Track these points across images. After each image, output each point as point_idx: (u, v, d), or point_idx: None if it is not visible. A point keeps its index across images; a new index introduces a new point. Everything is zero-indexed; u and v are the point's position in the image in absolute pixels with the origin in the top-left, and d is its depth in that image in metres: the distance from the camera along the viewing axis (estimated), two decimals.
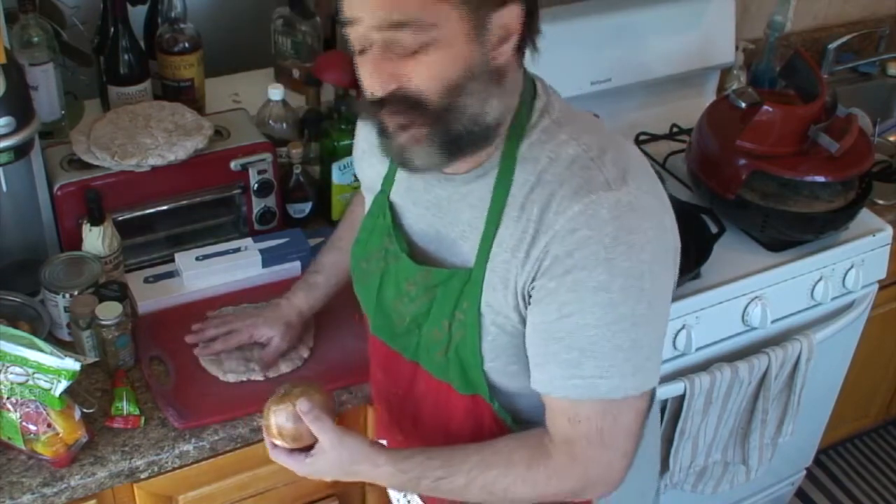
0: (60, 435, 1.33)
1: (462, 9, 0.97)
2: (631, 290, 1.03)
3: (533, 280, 1.06)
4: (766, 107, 1.83)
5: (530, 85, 1.11)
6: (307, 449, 1.18)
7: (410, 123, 1.03)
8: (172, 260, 1.65)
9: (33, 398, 1.31)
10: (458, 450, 1.16)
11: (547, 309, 1.06)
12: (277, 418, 1.18)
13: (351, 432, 1.18)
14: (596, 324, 1.04)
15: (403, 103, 1.01)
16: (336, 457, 1.16)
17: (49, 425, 1.32)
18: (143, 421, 1.41)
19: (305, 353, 1.54)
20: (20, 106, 1.41)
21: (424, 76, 0.99)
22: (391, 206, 1.23)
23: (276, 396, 1.20)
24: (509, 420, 1.20)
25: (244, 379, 1.48)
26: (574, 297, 1.03)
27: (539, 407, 1.13)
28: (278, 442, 1.19)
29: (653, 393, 1.12)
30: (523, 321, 1.10)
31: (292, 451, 1.19)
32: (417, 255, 1.20)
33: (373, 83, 1.01)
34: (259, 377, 1.49)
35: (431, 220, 1.18)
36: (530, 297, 1.07)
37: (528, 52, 1.07)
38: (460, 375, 1.18)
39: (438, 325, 1.16)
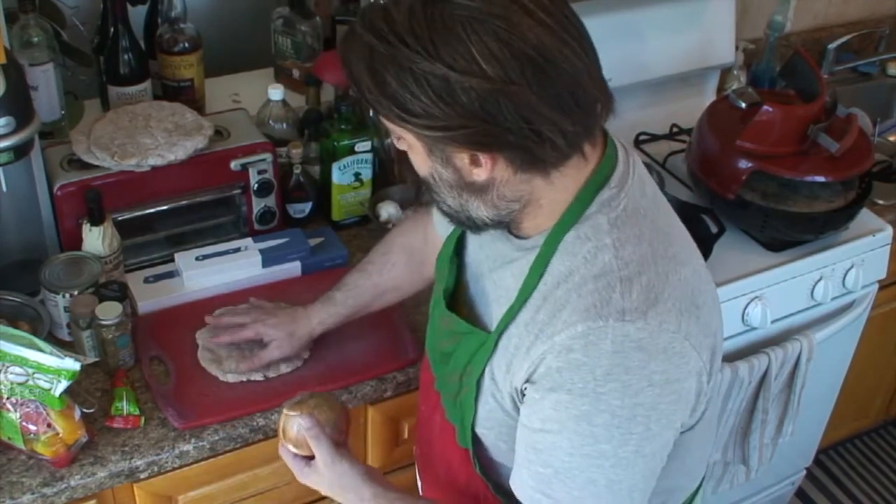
0: (60, 435, 1.33)
1: (414, 134, 0.96)
2: (616, 431, 0.96)
3: (526, 381, 1.02)
4: (766, 107, 1.83)
5: (605, 168, 1.02)
6: (311, 457, 1.22)
7: (417, 185, 1.07)
8: (172, 260, 1.65)
9: (33, 398, 1.31)
10: None
11: (531, 417, 1.02)
12: (286, 423, 1.22)
13: (347, 457, 1.19)
14: (572, 451, 0.98)
15: (409, 166, 1.05)
16: (328, 477, 1.19)
17: (49, 425, 1.32)
18: (143, 421, 1.41)
19: (306, 354, 1.54)
20: (20, 106, 1.41)
21: (411, 159, 1.03)
22: (463, 236, 1.20)
23: (292, 402, 1.23)
24: (492, 487, 1.20)
25: (244, 379, 1.48)
26: (556, 416, 0.98)
27: None
28: (285, 444, 1.23)
29: None
30: (517, 411, 1.07)
31: (296, 455, 1.23)
32: (461, 293, 1.20)
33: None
34: (259, 377, 1.49)
35: (484, 268, 1.15)
36: (523, 395, 1.04)
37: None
38: (460, 426, 1.18)
39: (455, 372, 1.16)
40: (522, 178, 0.98)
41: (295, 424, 1.20)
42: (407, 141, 0.99)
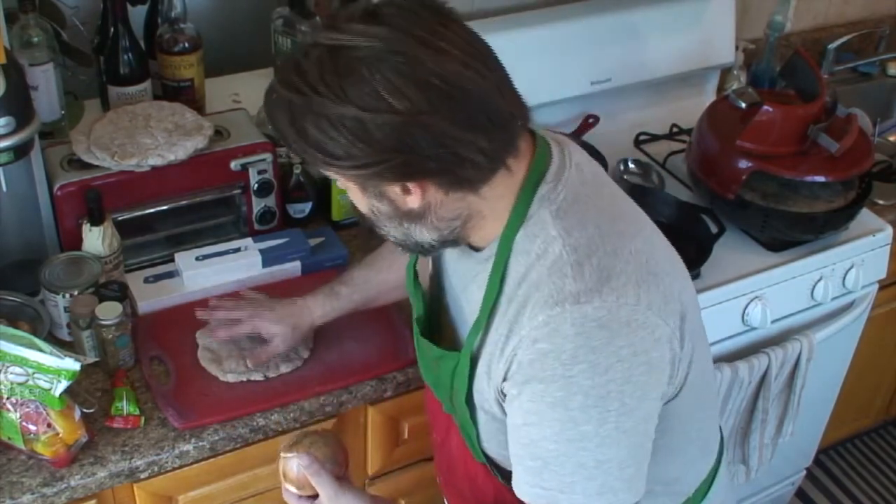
0: (60, 435, 1.33)
1: (343, 176, 1.00)
2: (594, 410, 0.99)
3: (503, 380, 1.05)
4: (766, 107, 1.83)
5: (539, 166, 1.05)
6: (314, 496, 1.23)
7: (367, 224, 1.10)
8: (172, 260, 1.65)
9: (33, 398, 1.31)
10: None
11: (514, 413, 1.04)
12: (285, 465, 1.23)
13: (350, 488, 1.21)
14: (555, 438, 1.00)
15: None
16: None
17: (49, 425, 1.32)
18: (143, 421, 1.41)
19: (306, 354, 1.54)
20: (20, 106, 1.41)
21: (350, 198, 1.07)
22: (438, 260, 1.23)
23: (288, 444, 1.24)
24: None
25: (244, 379, 1.48)
26: (533, 407, 1.01)
27: None
28: (287, 486, 1.24)
29: None
30: (504, 414, 1.08)
31: (301, 497, 1.24)
32: (444, 316, 1.22)
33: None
34: (259, 377, 1.49)
35: (460, 290, 1.17)
36: (504, 395, 1.06)
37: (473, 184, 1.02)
38: (470, 444, 1.20)
39: (445, 396, 1.18)
40: (455, 196, 1.01)
41: (294, 465, 1.21)
42: (341, 182, 1.03)
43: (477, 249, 1.10)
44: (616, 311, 0.99)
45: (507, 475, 1.19)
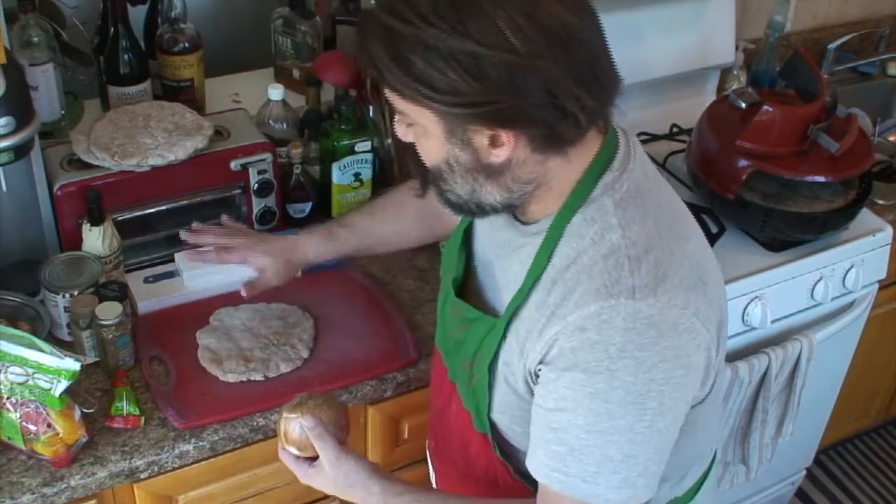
0: (60, 435, 1.33)
1: (434, 114, 0.97)
2: (631, 406, 0.99)
3: (540, 363, 1.04)
4: (766, 107, 1.83)
5: (607, 152, 1.05)
6: (313, 458, 1.22)
7: (421, 176, 1.08)
8: (172, 260, 1.65)
9: (33, 398, 1.31)
10: (443, 498, 1.19)
11: (547, 397, 1.03)
12: (287, 425, 1.21)
13: (352, 454, 1.20)
14: (588, 428, 1.00)
15: (415, 159, 1.07)
16: (333, 476, 1.19)
17: (49, 425, 1.32)
18: (143, 421, 1.41)
19: (305, 354, 1.54)
20: (20, 106, 1.41)
21: (419, 149, 1.05)
22: (471, 225, 1.22)
23: (291, 404, 1.23)
24: (511, 469, 1.20)
25: (244, 379, 1.48)
26: (571, 394, 1.00)
27: None
28: (286, 447, 1.23)
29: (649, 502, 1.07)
30: (531, 393, 1.08)
31: (298, 458, 1.23)
32: (470, 280, 1.21)
33: (396, 129, 1.06)
34: (259, 377, 1.49)
35: (492, 256, 1.16)
36: (537, 377, 1.05)
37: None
38: (476, 412, 1.19)
39: (466, 360, 1.17)
40: (538, 158, 1.00)
41: (297, 426, 1.20)
42: (423, 126, 1.00)
43: (523, 223, 1.09)
44: (667, 311, 0.99)
45: (505, 449, 1.19)
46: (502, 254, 1.13)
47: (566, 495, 1.04)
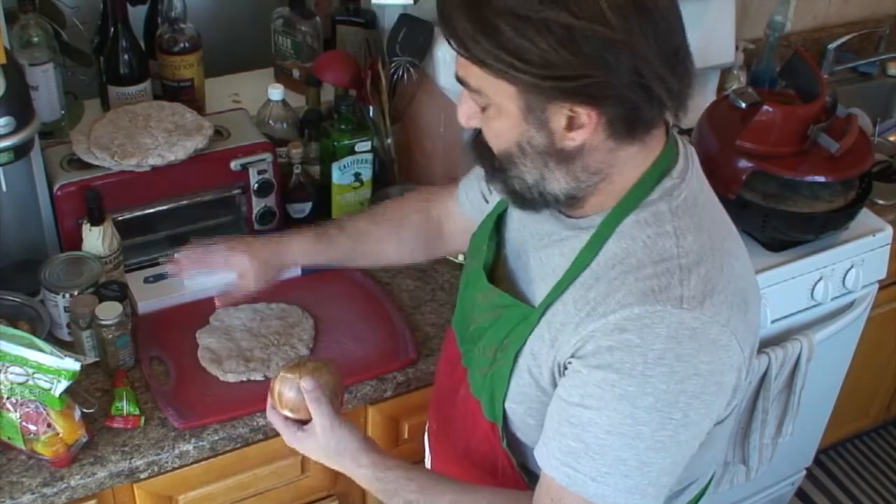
0: (60, 435, 1.33)
1: (516, 90, 0.95)
2: (657, 414, 0.98)
3: (571, 356, 1.03)
4: (766, 107, 1.83)
5: (667, 158, 1.04)
6: (302, 422, 1.20)
7: (484, 163, 1.06)
8: None
9: (33, 398, 1.31)
10: (437, 481, 1.17)
11: (572, 391, 1.02)
12: (282, 385, 1.19)
13: (346, 423, 1.19)
14: (609, 429, 0.99)
15: (478, 145, 1.05)
16: (324, 442, 1.18)
17: (49, 425, 1.32)
18: (143, 421, 1.41)
19: (305, 353, 1.54)
20: (20, 106, 1.41)
21: (488, 132, 1.03)
22: (504, 213, 1.21)
23: (289, 364, 1.21)
24: (516, 462, 1.20)
25: (244, 379, 1.48)
26: (599, 392, 0.99)
27: None
28: (278, 408, 1.21)
29: None
30: (554, 385, 1.07)
31: (288, 420, 1.20)
32: (500, 268, 1.20)
33: (459, 114, 1.04)
34: (259, 377, 1.49)
35: (528, 246, 1.15)
36: (565, 369, 1.05)
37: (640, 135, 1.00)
38: (488, 400, 1.18)
39: (490, 346, 1.16)
40: (609, 146, 0.99)
41: (294, 387, 1.18)
42: (498, 105, 0.98)
43: (568, 216, 1.08)
44: (709, 326, 0.98)
45: (512, 441, 1.18)
46: (541, 245, 1.12)
47: (571, 491, 1.03)
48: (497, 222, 1.22)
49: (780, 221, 1.84)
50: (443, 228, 1.42)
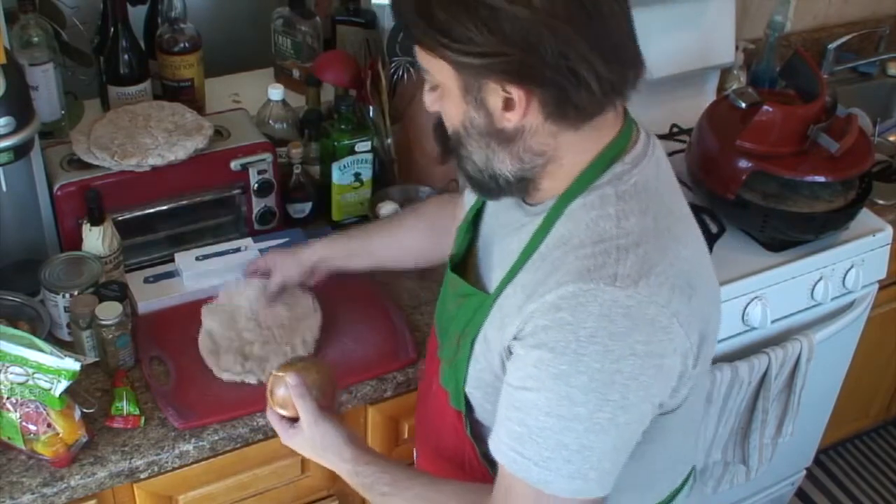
0: (60, 435, 1.33)
1: (453, 68, 0.99)
2: (593, 395, 0.98)
3: (514, 338, 1.04)
4: (766, 107, 1.83)
5: (619, 144, 1.05)
6: (295, 420, 1.23)
7: (444, 147, 1.10)
8: (172, 260, 1.65)
9: (33, 398, 1.31)
10: (409, 476, 1.20)
11: (515, 374, 1.03)
12: (274, 383, 1.24)
13: (331, 419, 1.21)
14: (548, 411, 1.00)
15: (438, 128, 1.09)
16: (310, 437, 1.21)
17: (49, 425, 1.32)
18: (143, 421, 1.41)
19: (309, 337, 1.53)
20: (20, 106, 1.41)
21: (442, 114, 1.07)
22: (483, 205, 1.24)
23: (283, 364, 1.26)
24: (480, 452, 1.21)
25: (238, 380, 1.48)
26: (536, 373, 1.00)
27: None
28: (272, 405, 1.25)
29: (600, 501, 1.05)
30: (504, 369, 1.08)
31: (283, 418, 1.24)
32: (471, 259, 1.23)
33: (424, 99, 1.08)
34: (253, 380, 1.48)
35: (496, 236, 1.18)
36: (510, 353, 1.06)
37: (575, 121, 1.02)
38: (454, 388, 1.19)
39: (454, 335, 1.18)
40: (550, 129, 1.01)
41: (282, 385, 1.22)
42: (444, 86, 1.02)
43: (530, 204, 1.10)
44: (645, 306, 0.98)
45: (476, 430, 1.20)
46: (504, 233, 1.14)
47: (519, 477, 1.04)
48: (476, 216, 1.25)
49: (780, 221, 1.84)
50: (449, 233, 1.43)
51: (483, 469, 1.21)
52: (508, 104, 0.98)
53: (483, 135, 1.03)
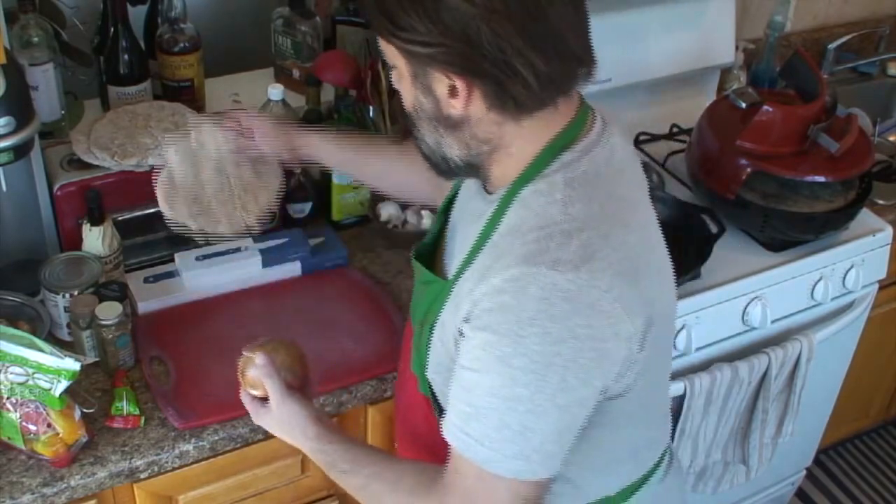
0: (60, 435, 1.33)
1: (402, 55, 1.03)
2: (533, 376, 1.00)
3: (464, 320, 1.06)
4: (766, 107, 1.83)
5: (569, 134, 1.07)
6: (266, 399, 1.25)
7: (405, 124, 1.13)
8: (172, 260, 1.65)
9: (33, 398, 1.31)
10: (369, 454, 1.22)
11: (463, 355, 1.06)
12: (245, 364, 1.25)
13: (298, 398, 1.23)
14: (492, 391, 1.02)
15: (400, 106, 1.12)
16: (278, 416, 1.24)
17: (49, 425, 1.32)
18: (143, 421, 1.41)
19: (252, 222, 1.51)
20: (20, 106, 1.41)
21: (401, 95, 1.09)
22: (455, 194, 1.26)
23: (253, 345, 1.26)
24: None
25: (181, 224, 1.42)
26: (481, 355, 1.02)
27: None
28: (244, 387, 1.27)
29: (545, 483, 1.07)
30: (458, 352, 1.10)
31: (254, 398, 1.26)
32: (440, 248, 1.25)
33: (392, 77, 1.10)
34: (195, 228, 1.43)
35: (460, 225, 1.20)
36: (461, 335, 1.07)
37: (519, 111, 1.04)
38: (420, 373, 1.22)
39: (419, 321, 1.21)
40: (494, 119, 1.03)
41: (252, 365, 1.24)
42: (398, 69, 1.05)
43: (489, 192, 1.12)
44: (586, 290, 0.99)
45: (442, 414, 1.20)
46: (467, 221, 1.16)
47: (466, 458, 1.05)
48: (448, 204, 1.27)
49: (780, 221, 1.84)
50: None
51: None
52: (453, 92, 1.02)
53: (431, 119, 1.06)
